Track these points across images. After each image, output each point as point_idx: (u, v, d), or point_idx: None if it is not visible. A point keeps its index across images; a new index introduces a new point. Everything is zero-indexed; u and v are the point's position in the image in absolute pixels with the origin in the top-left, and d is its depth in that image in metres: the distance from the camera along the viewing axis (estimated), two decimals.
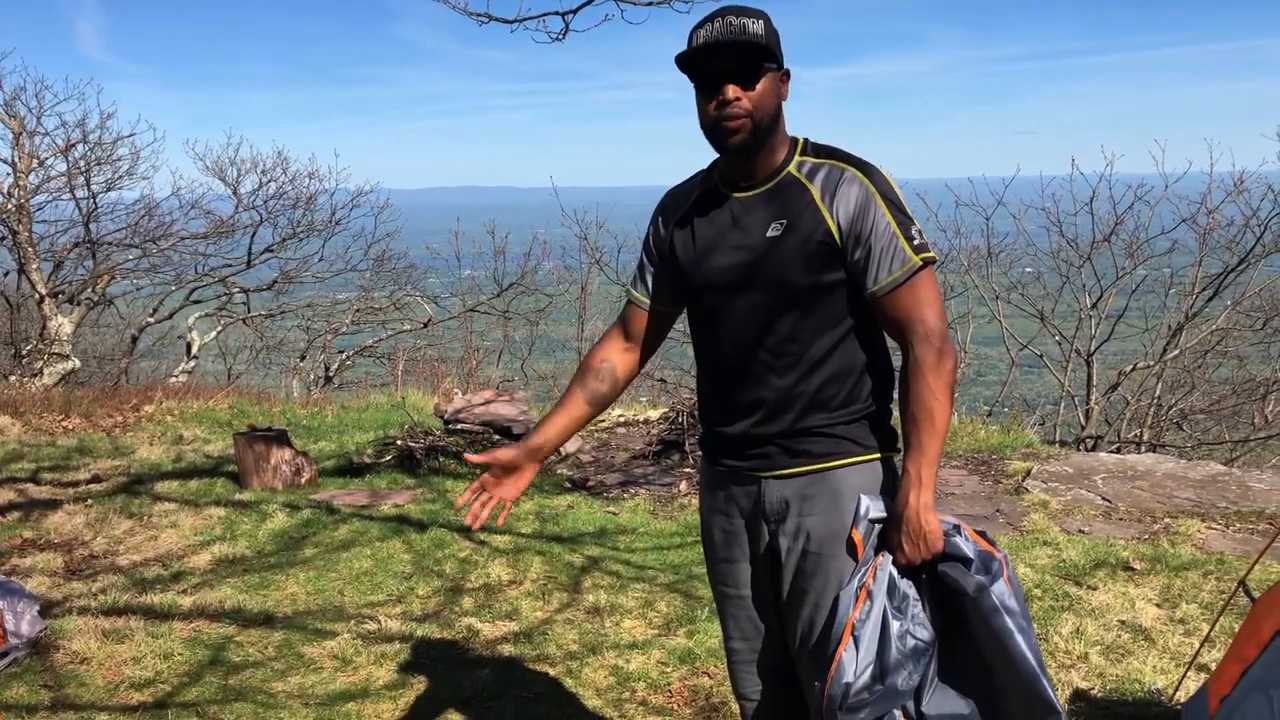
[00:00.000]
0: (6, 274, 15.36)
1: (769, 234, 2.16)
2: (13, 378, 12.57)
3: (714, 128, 2.16)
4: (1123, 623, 4.03)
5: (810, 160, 2.21)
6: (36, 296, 13.55)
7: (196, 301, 16.61)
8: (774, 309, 2.18)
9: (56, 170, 14.43)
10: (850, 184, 2.15)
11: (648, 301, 2.41)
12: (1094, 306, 11.50)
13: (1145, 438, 11.18)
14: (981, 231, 12.60)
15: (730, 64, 2.11)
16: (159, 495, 6.25)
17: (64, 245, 14.81)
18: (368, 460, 7.08)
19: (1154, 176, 11.44)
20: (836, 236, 2.13)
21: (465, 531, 5.35)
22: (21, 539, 5.53)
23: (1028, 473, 6.51)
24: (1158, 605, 4.22)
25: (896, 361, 2.24)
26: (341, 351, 17.98)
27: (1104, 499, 5.95)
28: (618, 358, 2.45)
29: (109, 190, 15.01)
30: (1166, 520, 5.49)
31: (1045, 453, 7.23)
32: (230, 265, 16.27)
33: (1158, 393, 11.66)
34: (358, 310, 17.63)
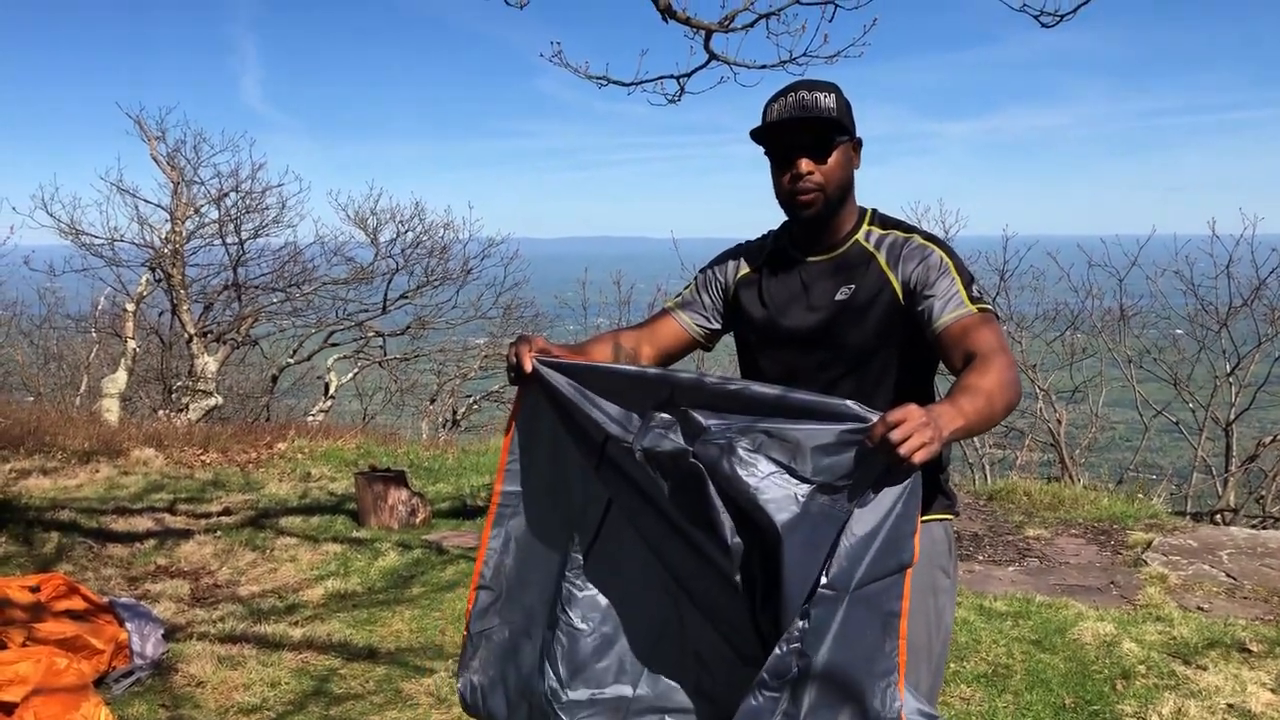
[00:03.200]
0: (161, 314, 16.30)
1: (838, 297, 2.26)
2: (161, 413, 13.30)
3: (788, 199, 2.26)
4: (1230, 706, 3.87)
5: (877, 230, 2.30)
6: (186, 336, 14.33)
7: (335, 344, 17.31)
8: (840, 368, 2.26)
9: (210, 218, 15.32)
10: (913, 247, 2.24)
11: (689, 321, 2.47)
12: (1232, 373, 11.03)
13: None
14: (1114, 293, 12.27)
15: (804, 139, 2.20)
16: (282, 530, 6.55)
17: (214, 288, 15.65)
18: (481, 503, 7.27)
19: None
20: (899, 295, 2.21)
21: None
22: (155, 566, 5.87)
23: (1149, 544, 6.28)
24: (1272, 690, 4.03)
25: None
26: (469, 396, 18.46)
27: (1228, 576, 5.70)
28: (641, 353, 2.43)
29: (256, 237, 15.86)
30: None
31: (1170, 524, 6.96)
32: (367, 310, 16.92)
33: None
34: (486, 356, 18.11)
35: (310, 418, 14.81)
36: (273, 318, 16.61)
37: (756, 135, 2.26)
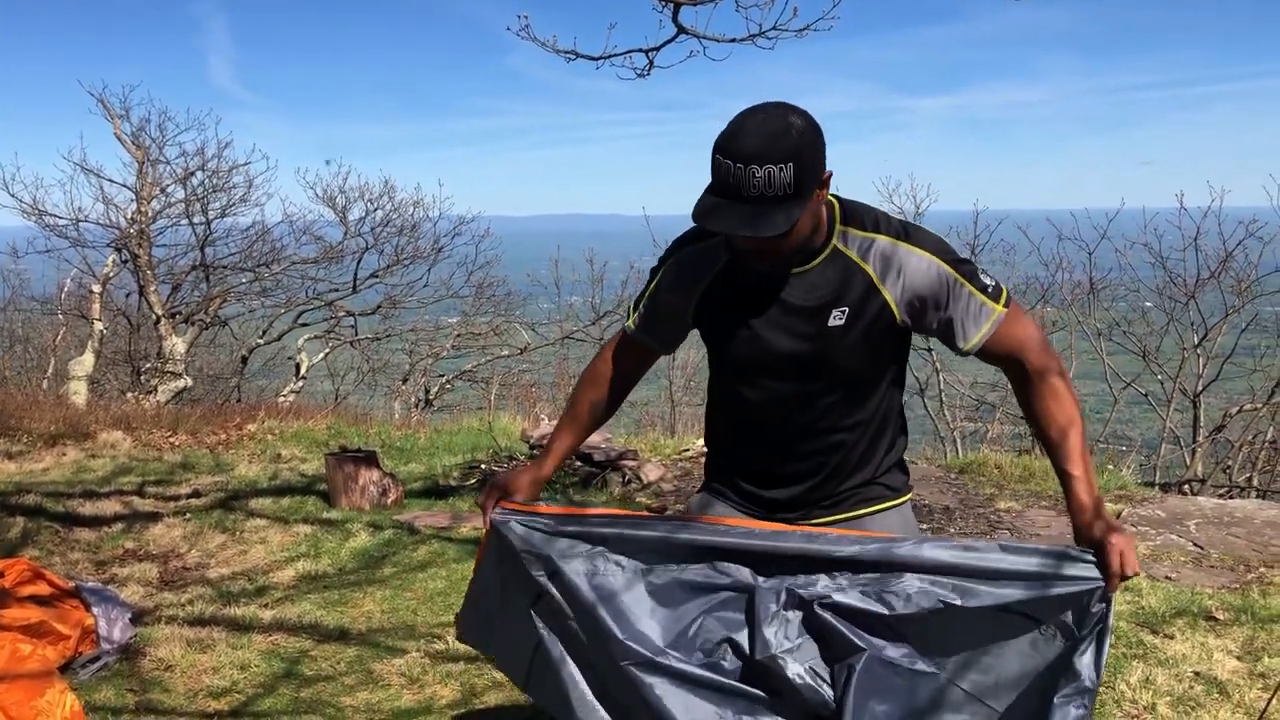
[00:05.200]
0: (128, 295, 16.13)
1: (831, 324, 2.10)
2: (129, 395, 13.17)
3: (742, 258, 2.10)
4: (1197, 674, 3.91)
5: (855, 233, 2.11)
6: (154, 317, 14.18)
7: (305, 324, 17.20)
8: (832, 395, 2.18)
9: (176, 197, 15.15)
10: (908, 258, 2.08)
11: (656, 341, 2.38)
12: (1199, 345, 11.14)
13: (1255, 482, 10.75)
14: (1084, 266, 12.36)
15: (723, 226, 1.98)
16: (253, 511, 6.50)
17: (181, 268, 15.50)
18: (453, 483, 7.24)
19: (1267, 210, 11.06)
20: (897, 315, 2.09)
21: None
22: (123, 549, 5.81)
23: (1118, 515, 6.34)
24: (1238, 658, 4.08)
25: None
26: (442, 375, 18.40)
27: (1195, 545, 5.76)
28: (598, 403, 2.45)
29: (224, 216, 15.72)
30: (1261, 570, 5.29)
31: (1139, 495, 7.02)
32: (338, 290, 16.82)
33: (1269, 436, 11.21)
34: (459, 335, 18.05)
35: (281, 398, 14.70)
36: (242, 298, 16.48)
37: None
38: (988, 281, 2.09)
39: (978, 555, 2.01)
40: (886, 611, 2.02)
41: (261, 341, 17.10)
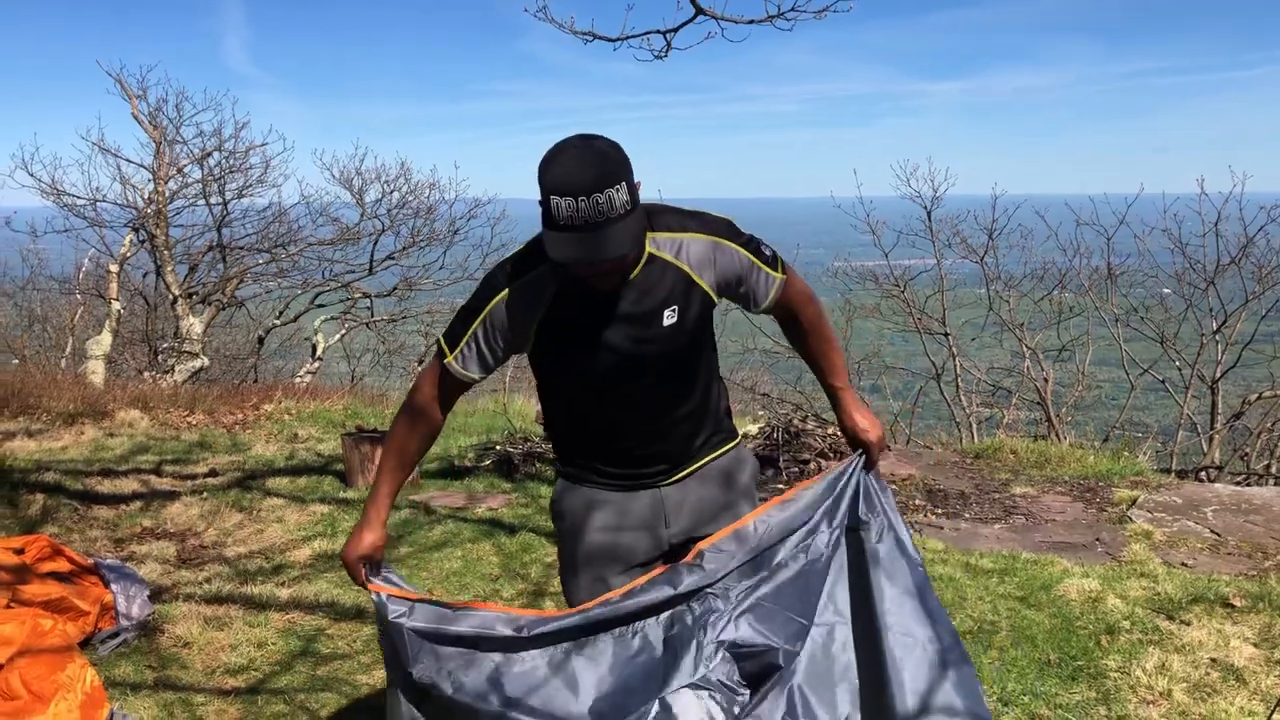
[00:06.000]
0: (145, 275, 16.19)
1: (665, 324, 2.29)
2: (147, 374, 13.24)
3: (582, 279, 2.19)
4: (1213, 661, 3.90)
5: (664, 236, 2.28)
6: (171, 297, 14.23)
7: (321, 305, 17.22)
8: (675, 384, 2.41)
9: (193, 177, 15.17)
10: (711, 248, 2.31)
11: (477, 378, 2.39)
12: (1218, 331, 11.06)
13: (1274, 470, 10.69)
14: (1102, 252, 12.27)
15: (593, 257, 2.08)
16: (270, 491, 6.54)
17: (198, 249, 15.53)
18: (468, 464, 7.27)
19: None
20: (714, 297, 2.35)
21: (551, 536, 5.45)
22: (141, 527, 5.85)
23: (1134, 501, 6.31)
24: (1255, 645, 4.06)
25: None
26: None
27: (1213, 532, 5.74)
28: (426, 437, 2.47)
29: (241, 197, 15.71)
30: (1279, 557, 5.27)
31: (1156, 481, 6.99)
32: (354, 271, 16.82)
33: None
34: None
35: (298, 379, 14.76)
36: (258, 279, 16.47)
37: (546, 222, 2.09)
38: (768, 253, 2.39)
39: (792, 502, 2.42)
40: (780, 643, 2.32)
41: (278, 322, 17.14)
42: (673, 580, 2.30)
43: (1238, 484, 8.44)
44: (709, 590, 2.31)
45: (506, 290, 2.28)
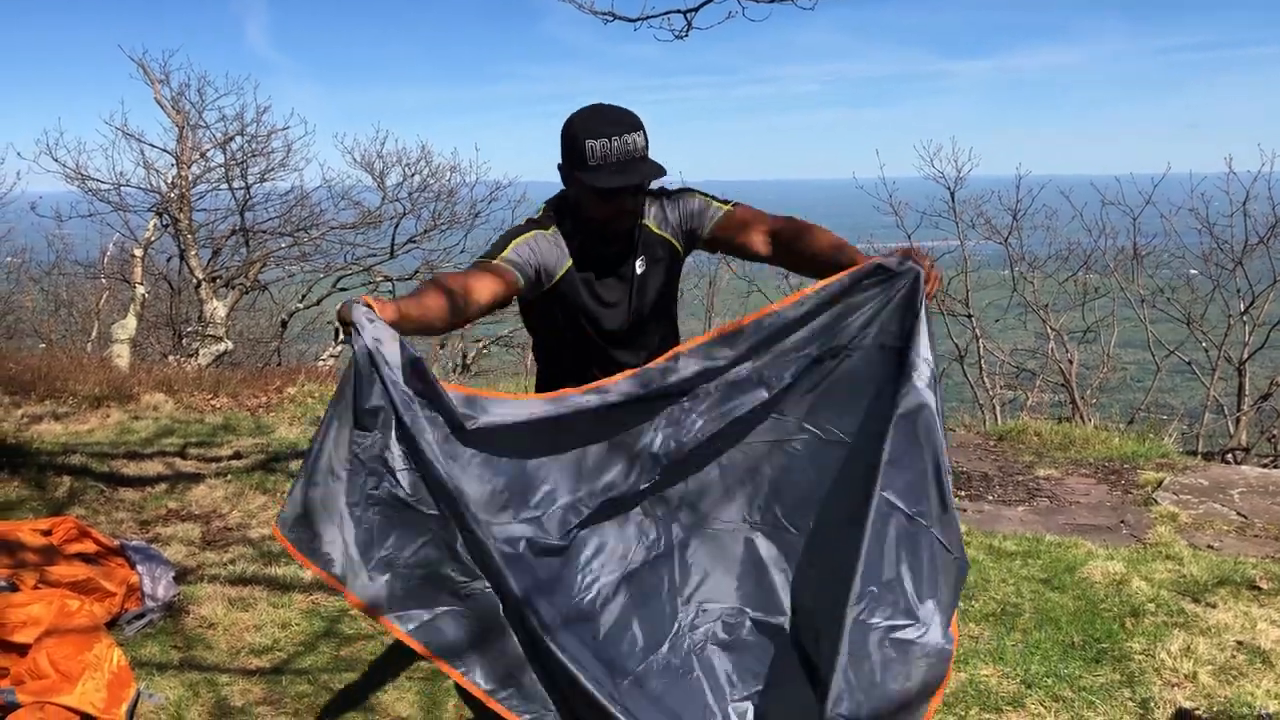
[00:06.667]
0: (169, 260, 16.27)
1: (638, 271, 2.67)
2: (171, 358, 13.33)
3: (604, 224, 2.56)
4: (1240, 643, 3.87)
5: (647, 207, 2.67)
6: (195, 281, 14.31)
7: (344, 289, 17.27)
8: (661, 329, 2.81)
9: (215, 161, 15.21)
10: (665, 205, 2.69)
11: (518, 277, 2.51)
12: (1246, 312, 10.94)
13: None
14: (1128, 232, 12.15)
15: (634, 181, 2.45)
16: (293, 473, 6.56)
17: (221, 233, 15.60)
18: None
19: None
20: (680, 247, 2.71)
21: None
22: (166, 509, 5.89)
23: (1160, 483, 6.27)
24: None
25: None
26: (478, 340, 18.46)
27: (1239, 514, 5.69)
28: (449, 311, 2.38)
29: (263, 181, 15.74)
30: None
31: (1182, 463, 6.93)
32: (375, 255, 16.86)
33: None
34: None
35: (321, 362, 14.82)
36: (281, 263, 16.53)
37: (587, 176, 2.46)
38: (715, 194, 2.71)
39: (802, 302, 2.39)
40: (767, 393, 2.42)
41: (301, 306, 17.21)
42: (643, 379, 2.38)
43: (1265, 466, 8.36)
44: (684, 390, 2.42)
45: (536, 232, 2.60)
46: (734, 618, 2.50)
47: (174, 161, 14.53)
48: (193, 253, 14.27)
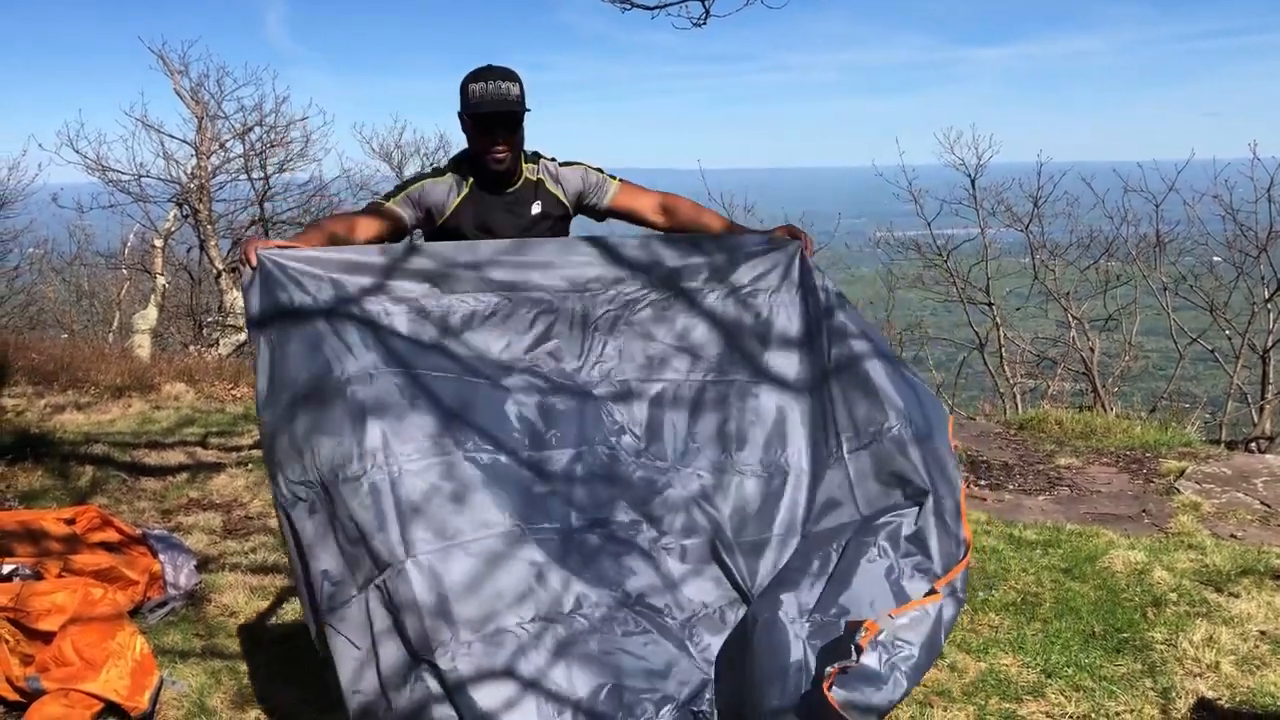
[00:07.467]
0: (189, 250, 16.34)
1: (533, 212, 3.25)
2: (192, 348, 13.40)
3: (484, 161, 3.13)
4: (1263, 633, 3.84)
5: (539, 165, 3.26)
6: (215, 271, 14.37)
7: None
8: None
9: (235, 152, 15.23)
10: (566, 171, 3.29)
11: (402, 214, 3.12)
12: (1270, 299, 10.84)
13: None
14: (1151, 220, 12.05)
15: (500, 123, 3.06)
16: None
17: (241, 223, 15.64)
18: None
19: None
20: (568, 204, 3.30)
21: None
22: (188, 498, 5.93)
23: (1182, 473, 6.22)
24: None
25: None
26: None
27: (1263, 503, 5.64)
28: (360, 234, 3.03)
29: (282, 171, 15.74)
30: None
31: (1204, 452, 6.88)
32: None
33: None
34: None
35: None
36: None
37: (465, 112, 3.08)
38: (608, 172, 3.33)
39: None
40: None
41: None
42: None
43: None
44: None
45: (429, 179, 3.20)
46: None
47: (193, 152, 14.57)
48: (213, 243, 14.32)
